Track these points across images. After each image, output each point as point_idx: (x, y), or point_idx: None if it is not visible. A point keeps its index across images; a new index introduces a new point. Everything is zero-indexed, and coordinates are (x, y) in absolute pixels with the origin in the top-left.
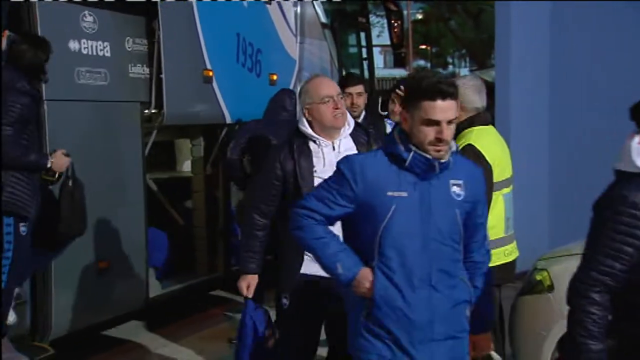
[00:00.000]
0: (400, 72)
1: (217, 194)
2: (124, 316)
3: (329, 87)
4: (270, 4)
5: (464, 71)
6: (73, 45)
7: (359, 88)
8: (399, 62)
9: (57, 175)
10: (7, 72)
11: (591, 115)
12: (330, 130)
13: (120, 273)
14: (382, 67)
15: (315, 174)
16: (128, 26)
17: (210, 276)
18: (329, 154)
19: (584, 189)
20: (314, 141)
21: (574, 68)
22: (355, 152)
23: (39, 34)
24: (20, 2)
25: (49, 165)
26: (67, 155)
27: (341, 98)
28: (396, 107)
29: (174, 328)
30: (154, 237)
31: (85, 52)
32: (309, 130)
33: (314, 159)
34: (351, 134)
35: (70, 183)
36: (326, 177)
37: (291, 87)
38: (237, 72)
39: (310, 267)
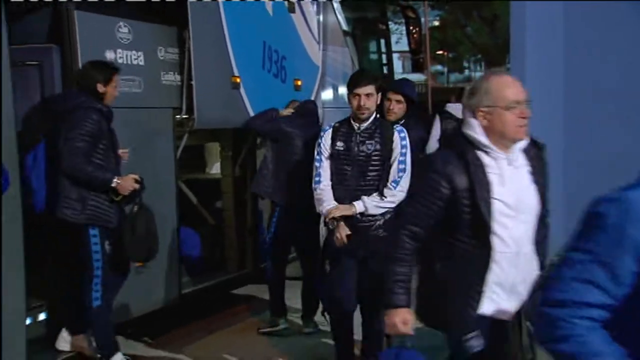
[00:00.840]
0: (418, 77)
1: (245, 194)
2: (158, 311)
3: (518, 91)
4: (294, 12)
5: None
6: (109, 54)
7: (369, 89)
8: (417, 67)
9: (120, 197)
10: (81, 94)
11: (605, 115)
12: (507, 142)
13: (154, 270)
14: (401, 72)
15: (493, 196)
16: (160, 36)
17: (239, 273)
18: (506, 169)
19: (598, 187)
20: (487, 152)
21: (588, 67)
22: (528, 168)
23: (78, 44)
24: (61, 14)
25: (113, 185)
26: (138, 181)
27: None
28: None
29: (205, 322)
30: (186, 236)
31: (120, 61)
32: (484, 139)
33: (491, 176)
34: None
35: (134, 209)
36: (507, 200)
37: (314, 91)
38: (263, 78)
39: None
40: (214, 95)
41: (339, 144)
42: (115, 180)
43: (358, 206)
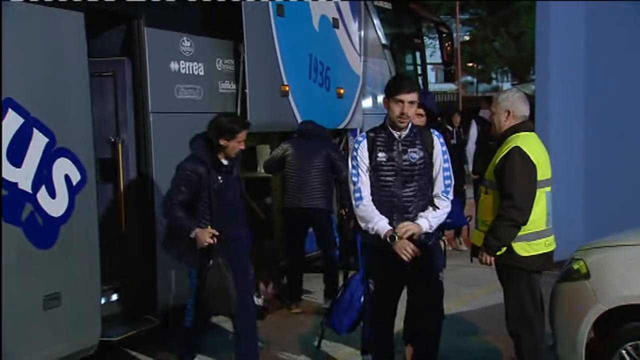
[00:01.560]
0: (450, 87)
1: None
2: None
3: None
4: (338, 28)
5: (507, 85)
6: (174, 65)
7: (413, 96)
8: (449, 78)
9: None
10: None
11: (624, 121)
12: None
13: None
14: (434, 82)
15: None
16: (218, 49)
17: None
18: None
19: (616, 189)
20: None
21: (609, 73)
22: None
23: (147, 57)
24: (132, 30)
25: (192, 236)
26: (213, 237)
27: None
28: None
29: None
30: None
31: (183, 71)
32: None
33: None
34: None
35: (209, 264)
36: None
37: (355, 99)
38: (309, 86)
39: None
40: (265, 102)
41: (381, 155)
42: (195, 231)
43: (424, 225)
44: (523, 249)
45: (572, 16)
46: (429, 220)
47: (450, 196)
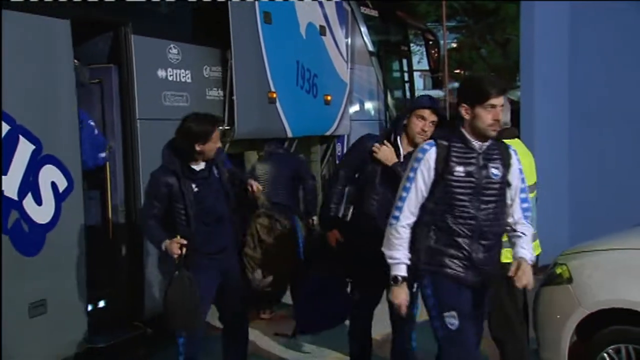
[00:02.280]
0: (437, 93)
1: None
2: None
3: None
4: (325, 35)
5: None
6: (161, 73)
7: (503, 99)
8: (437, 84)
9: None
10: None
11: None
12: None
13: None
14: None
15: None
16: (206, 56)
17: None
18: None
19: (600, 194)
20: None
21: (592, 77)
22: None
23: (134, 64)
24: (119, 37)
25: (163, 248)
26: (181, 247)
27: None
28: None
29: None
30: None
31: (170, 78)
32: None
33: None
34: None
35: (176, 273)
36: None
37: (342, 106)
38: (296, 93)
39: None
40: (252, 108)
41: (459, 168)
42: (164, 243)
43: (528, 257)
44: (504, 256)
45: (556, 20)
46: (529, 250)
47: (530, 220)
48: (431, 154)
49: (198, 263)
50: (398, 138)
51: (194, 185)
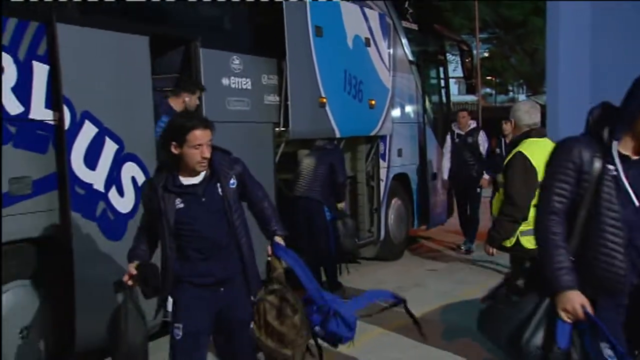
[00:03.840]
0: (471, 98)
1: None
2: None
3: None
4: (370, 46)
5: (522, 97)
6: (225, 81)
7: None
8: (470, 90)
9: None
10: None
11: None
12: None
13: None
14: (457, 94)
15: None
16: (264, 66)
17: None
18: None
19: None
20: None
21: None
22: None
23: (202, 74)
24: (190, 51)
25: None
26: (131, 277)
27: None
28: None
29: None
30: None
31: (233, 86)
32: None
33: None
34: None
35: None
36: None
37: (385, 109)
38: (344, 98)
39: None
40: (305, 112)
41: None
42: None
43: None
44: (529, 242)
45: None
46: None
47: None
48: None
49: (184, 290)
50: None
51: (178, 201)
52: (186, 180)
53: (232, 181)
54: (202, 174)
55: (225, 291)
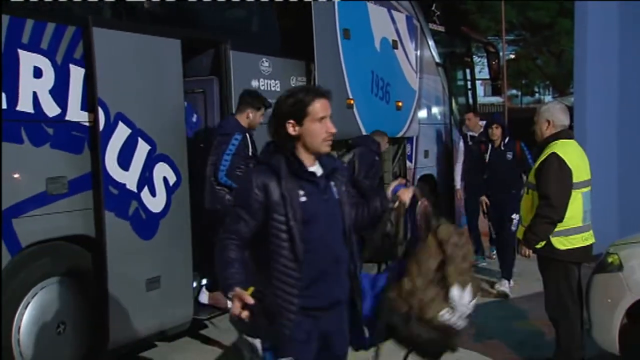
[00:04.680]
0: (497, 100)
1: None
2: None
3: None
4: (397, 48)
5: (548, 98)
6: (254, 83)
7: None
8: (496, 91)
9: None
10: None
11: None
12: None
13: None
14: (483, 96)
15: None
16: (293, 68)
17: None
18: None
19: None
20: None
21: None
22: None
23: (232, 76)
24: (220, 53)
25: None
26: (245, 306)
27: None
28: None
29: None
30: None
31: (262, 87)
32: None
33: None
34: None
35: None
36: None
37: (412, 111)
38: (371, 100)
39: None
40: (333, 113)
41: None
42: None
43: None
44: (561, 243)
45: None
46: None
47: None
48: None
49: (298, 324)
50: None
51: (301, 193)
52: (312, 167)
53: (343, 188)
54: (318, 165)
55: (329, 318)
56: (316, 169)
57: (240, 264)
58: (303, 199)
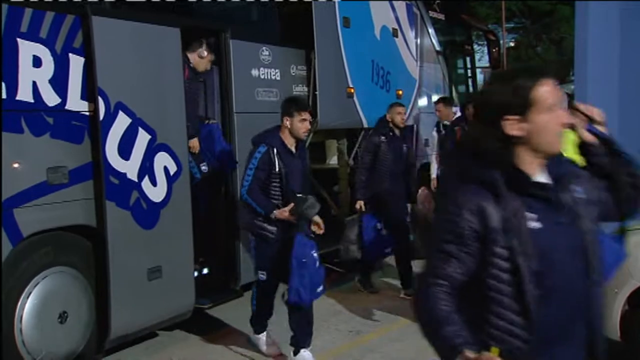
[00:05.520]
0: None
1: (355, 180)
2: None
3: None
4: (397, 37)
5: None
6: (254, 72)
7: None
8: None
9: None
10: None
11: None
12: None
13: None
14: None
15: None
16: (293, 57)
17: None
18: None
19: None
20: None
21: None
22: None
23: (232, 65)
24: (220, 42)
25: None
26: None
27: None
28: None
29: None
30: None
31: (262, 77)
32: None
33: None
34: None
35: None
36: None
37: (412, 100)
38: (371, 89)
39: None
40: (333, 102)
41: None
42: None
43: None
44: None
45: (608, 18)
46: None
47: None
48: None
49: None
50: None
51: (530, 216)
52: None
53: (578, 189)
54: (545, 173)
55: None
56: (544, 178)
57: (459, 317)
58: (534, 224)
